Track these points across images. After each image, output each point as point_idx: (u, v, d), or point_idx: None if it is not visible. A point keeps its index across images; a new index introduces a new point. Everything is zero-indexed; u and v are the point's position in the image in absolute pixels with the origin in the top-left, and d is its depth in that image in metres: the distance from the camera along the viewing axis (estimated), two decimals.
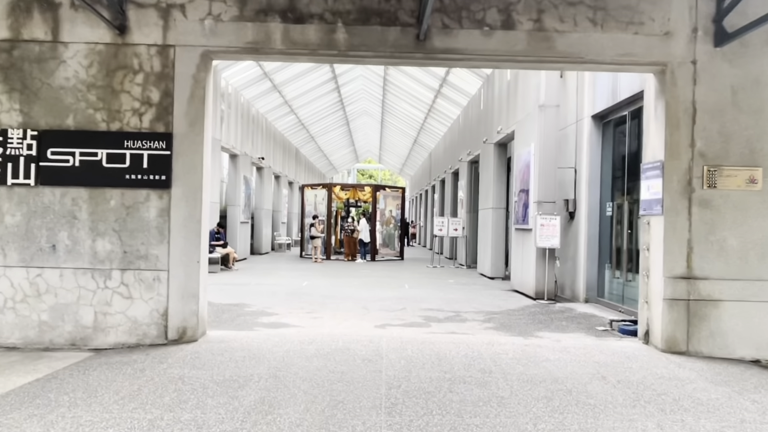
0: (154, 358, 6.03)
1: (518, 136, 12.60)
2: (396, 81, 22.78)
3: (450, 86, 19.56)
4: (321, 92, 24.35)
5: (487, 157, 15.83)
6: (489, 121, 15.96)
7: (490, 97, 15.94)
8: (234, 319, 8.25)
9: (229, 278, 13.79)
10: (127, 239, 6.74)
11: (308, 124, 28.99)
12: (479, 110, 17.64)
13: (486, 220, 15.81)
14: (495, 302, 10.59)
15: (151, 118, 6.79)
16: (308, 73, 21.13)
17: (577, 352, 6.61)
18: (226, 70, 17.16)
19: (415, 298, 10.91)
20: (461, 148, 20.45)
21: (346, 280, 13.85)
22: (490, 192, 15.26)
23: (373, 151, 47.92)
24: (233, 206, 19.25)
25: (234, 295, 10.75)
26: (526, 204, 11.57)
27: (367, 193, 22.09)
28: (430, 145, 30.67)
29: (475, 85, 18.05)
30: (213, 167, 16.05)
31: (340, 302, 10.06)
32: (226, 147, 17.78)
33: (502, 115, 14.48)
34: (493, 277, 15.06)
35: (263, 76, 19.27)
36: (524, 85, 12.41)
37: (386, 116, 30.31)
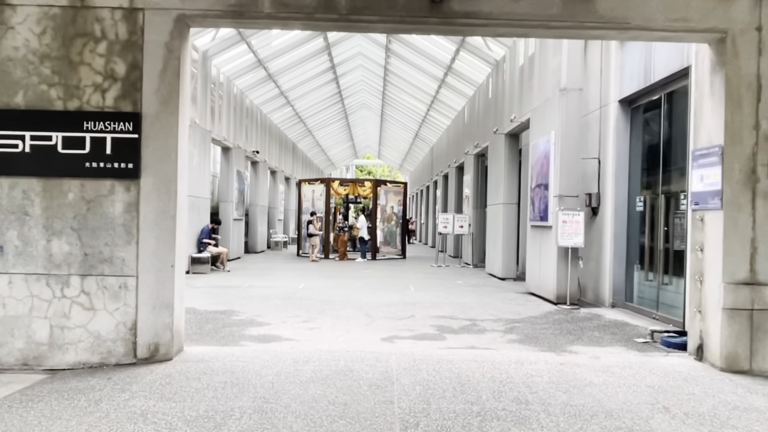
0: (116, 384, 4.96)
1: (534, 125, 11.53)
2: (397, 70, 21.69)
3: (455, 75, 18.47)
4: (319, 83, 23.25)
5: (496, 149, 14.76)
6: (499, 111, 14.88)
7: (501, 84, 14.86)
8: (218, 331, 7.17)
9: (219, 280, 12.72)
10: (88, 239, 5.67)
11: (305, 117, 27.89)
12: (487, 99, 16.56)
13: (495, 217, 14.75)
14: (512, 307, 9.54)
15: (115, 95, 5.71)
16: (305, 62, 20.03)
17: (623, 372, 5.56)
18: (216, 57, 16.06)
19: (423, 302, 9.85)
20: (467, 140, 19.38)
21: (347, 282, 12.79)
22: (501, 186, 14.20)
23: (372, 146, 46.82)
24: (226, 202, 18.16)
25: (222, 300, 9.68)
26: (545, 199, 10.51)
27: (368, 188, 21.01)
28: (432, 139, 29.59)
29: (483, 73, 16.98)
30: (203, 160, 14.95)
31: (340, 308, 9.00)
32: (218, 139, 16.68)
33: (514, 103, 13.41)
34: (503, 278, 14.01)
35: (257, 65, 18.16)
36: (542, 68, 11.33)
37: (386, 109, 29.22)
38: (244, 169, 19.60)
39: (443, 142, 25.86)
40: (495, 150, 14.93)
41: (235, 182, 18.38)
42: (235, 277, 13.43)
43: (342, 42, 19.84)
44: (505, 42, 13.95)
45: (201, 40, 14.89)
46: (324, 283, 12.37)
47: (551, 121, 10.42)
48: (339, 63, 21.81)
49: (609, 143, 9.97)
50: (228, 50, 16.15)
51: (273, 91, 21.65)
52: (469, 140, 18.85)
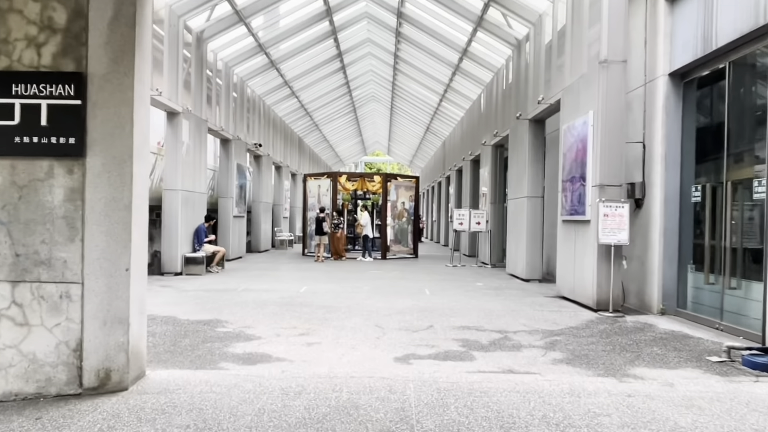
0: (43, 428, 3.71)
1: (566, 106, 10.17)
2: (408, 57, 20.33)
3: (471, 59, 17.10)
4: (325, 72, 21.95)
5: (519, 137, 13.40)
6: (522, 95, 13.51)
7: (524, 66, 13.48)
8: (196, 348, 5.90)
9: (213, 282, 11.48)
10: (19, 236, 4.44)
11: (312, 110, 26.61)
12: (507, 84, 15.19)
13: (518, 212, 13.40)
14: (546, 315, 8.19)
15: (54, 50, 4.46)
16: (311, 47, 18.75)
17: (713, 409, 4.22)
18: (213, 40, 14.81)
19: (441, 309, 8.53)
20: (483, 130, 18.02)
21: (354, 285, 11.50)
22: (524, 178, 12.84)
23: (381, 142, 45.48)
24: (225, 198, 16.93)
25: (210, 306, 8.42)
26: (581, 190, 9.15)
27: (377, 183, 19.70)
28: (444, 133, 28.21)
29: (502, 56, 15.60)
30: (198, 151, 13.71)
31: (345, 317, 7.70)
32: (215, 129, 15.44)
33: (540, 85, 12.04)
34: (528, 279, 12.66)
35: (258, 50, 16.90)
36: (575, 42, 9.96)
37: (396, 101, 27.86)
38: (245, 162, 18.36)
39: (457, 134, 24.49)
40: (517, 138, 13.56)
41: (235, 177, 17.15)
42: (232, 278, 12.19)
43: (349, 27, 18.55)
44: (529, 18, 12.58)
45: (195, 21, 13.66)
46: (329, 287, 11.09)
47: (589, 100, 9.06)
48: (346, 50, 20.52)
49: (656, 124, 8.60)
50: (225, 33, 14.89)
51: (276, 80, 20.39)
52: (487, 130, 17.50)
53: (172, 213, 12.68)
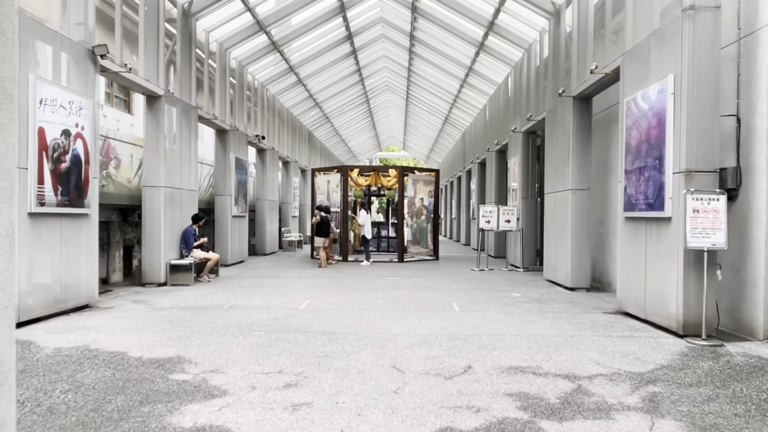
0: None
1: (629, 74, 8.11)
2: (426, 36, 18.30)
3: (498, 35, 15.02)
4: (336, 55, 20.02)
5: (559, 119, 11.34)
6: (562, 70, 11.45)
7: (563, 36, 11.41)
8: (126, 416, 3.99)
9: (199, 296, 9.63)
10: None
11: (321, 101, 24.72)
12: (543, 60, 13.13)
13: (559, 208, 11.35)
14: (620, 345, 6.18)
15: None
16: (317, 26, 16.83)
17: None
18: (203, 16, 12.94)
19: (478, 335, 6.56)
20: (512, 116, 15.96)
21: (366, 297, 9.58)
22: (568, 168, 10.79)
23: (396, 136, 43.48)
24: (223, 196, 15.11)
25: (180, 334, 6.54)
26: (656, 178, 7.10)
27: (393, 178, 17.75)
28: (464, 123, 26.14)
29: (535, 27, 13.52)
30: (187, 142, 11.82)
31: (351, 352, 5.77)
32: (208, 118, 13.58)
33: (588, 54, 9.97)
34: (573, 288, 10.62)
35: (256, 28, 15.00)
36: None
37: (412, 89, 25.81)
38: (245, 156, 16.52)
39: (479, 123, 22.41)
40: (557, 121, 11.51)
41: (233, 172, 15.31)
42: (222, 290, 10.33)
43: (360, 3, 16.64)
44: None
45: None
46: (336, 300, 9.17)
47: (666, 61, 7.00)
48: (357, 31, 18.57)
49: (758, 91, 6.52)
50: (217, 7, 13.01)
51: (280, 65, 18.52)
52: (516, 115, 15.44)
53: (153, 214, 10.86)
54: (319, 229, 15.37)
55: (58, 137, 7.45)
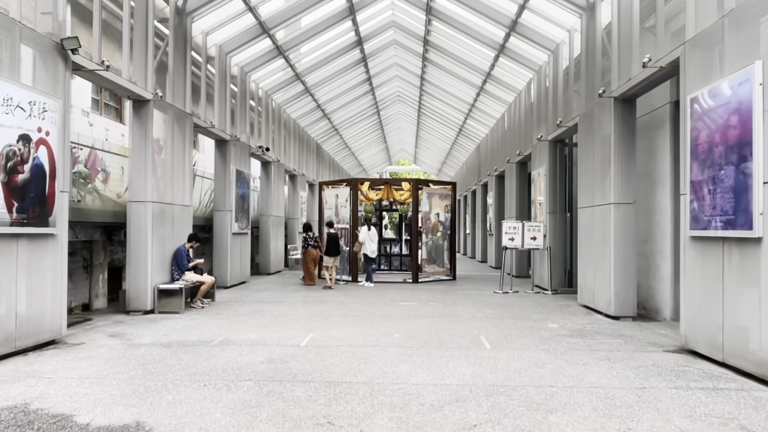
0: None
1: (694, 66, 6.80)
2: (441, 38, 17.12)
3: (521, 35, 13.79)
4: (345, 62, 18.91)
5: (595, 124, 10.05)
6: (598, 69, 10.19)
7: (599, 33, 10.15)
8: None
9: (187, 327, 8.36)
10: None
11: (330, 112, 23.60)
12: (574, 60, 11.89)
13: (597, 225, 10.01)
14: (712, 406, 4.81)
15: None
16: (325, 30, 15.73)
17: None
18: (199, 16, 11.83)
19: (524, 390, 5.22)
20: (536, 123, 14.69)
21: (378, 328, 8.28)
22: (609, 177, 9.46)
23: (407, 149, 42.33)
24: (222, 212, 13.90)
25: (151, 384, 5.26)
26: (738, 187, 5.77)
27: (406, 191, 16.49)
28: (479, 134, 24.90)
29: (562, 27, 12.28)
30: (181, 153, 10.59)
31: (363, 418, 4.46)
32: (205, 126, 12.41)
33: (631, 49, 8.68)
34: (617, 317, 9.24)
35: (259, 31, 13.90)
36: None
37: (425, 99, 24.62)
38: (247, 169, 15.34)
39: (496, 133, 21.15)
40: (593, 126, 10.21)
41: (233, 185, 14.12)
42: (215, 319, 9.07)
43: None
44: None
45: None
46: (343, 333, 7.87)
47: (749, 46, 5.70)
48: (367, 36, 17.45)
49: None
50: (215, 6, 11.91)
51: (286, 73, 17.42)
52: (541, 122, 14.17)
53: (140, 232, 9.65)
54: (327, 246, 14.14)
55: (14, 144, 6.26)
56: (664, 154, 9.42)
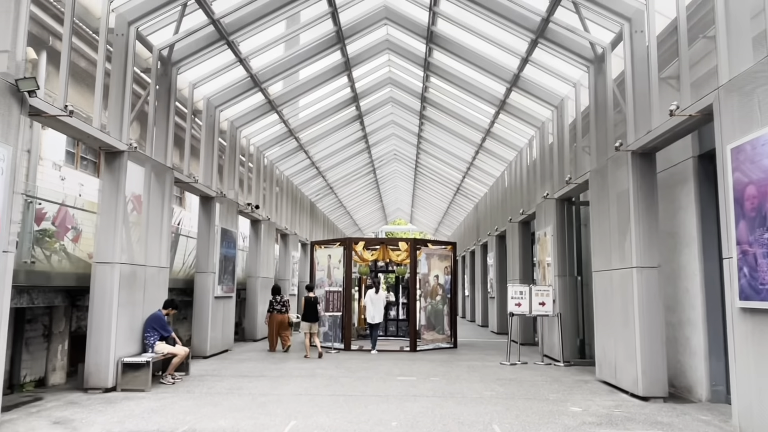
0: None
1: (730, 112, 6.03)
2: (439, 95, 16.65)
3: (522, 91, 13.26)
4: (341, 119, 18.39)
5: (610, 180, 9.23)
6: (610, 121, 9.50)
7: (610, 85, 9.53)
8: None
9: (145, 415, 7.14)
10: None
11: (325, 170, 22.97)
12: (578, 115, 11.27)
13: (616, 290, 9.01)
14: None
15: None
16: (320, 86, 15.24)
17: None
18: (188, 66, 11.23)
19: None
20: (541, 180, 13.95)
21: (372, 413, 7.10)
22: (628, 238, 8.55)
23: (404, 209, 41.70)
24: (204, 273, 12.82)
25: None
26: None
27: (403, 252, 15.52)
28: (478, 193, 24.25)
29: (569, 80, 11.73)
30: (160, 210, 9.64)
31: None
32: (187, 182, 11.54)
33: (653, 96, 7.99)
34: (646, 397, 8.08)
35: (251, 85, 13.34)
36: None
37: (422, 157, 24.03)
38: (233, 227, 14.40)
39: (496, 192, 20.45)
40: (607, 182, 9.40)
41: (218, 245, 13.13)
42: (185, 398, 7.85)
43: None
44: (622, 12, 8.76)
45: (158, 36, 10.13)
46: (332, 420, 6.68)
47: None
48: (362, 90, 17.01)
49: None
50: (204, 58, 11.33)
51: (278, 129, 16.82)
52: (546, 180, 13.42)
53: (104, 297, 8.57)
54: (304, 312, 13.17)
55: None
56: (688, 213, 8.57)
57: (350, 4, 12.16)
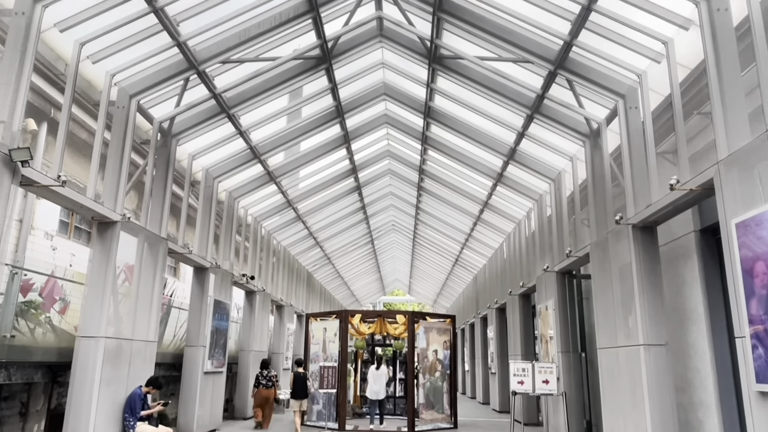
0: None
1: (732, 186, 5.96)
2: (437, 168, 16.80)
3: (519, 164, 13.37)
4: (339, 190, 18.47)
5: (611, 254, 9.06)
6: (609, 193, 9.47)
7: (605, 158, 9.58)
8: None
9: None
10: None
11: (322, 240, 22.85)
12: (576, 187, 11.27)
13: (622, 368, 8.62)
14: None
15: None
16: (320, 158, 15.39)
17: None
18: (188, 138, 11.33)
19: None
20: (539, 254, 13.78)
21: None
22: (633, 314, 8.27)
23: (402, 279, 41.28)
24: (194, 347, 12.36)
25: None
26: None
27: (401, 325, 15.11)
28: (477, 265, 24.01)
29: (565, 153, 11.81)
30: (151, 281, 9.40)
31: None
32: (181, 252, 11.35)
33: (650, 170, 7.97)
34: None
35: (250, 156, 13.45)
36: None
37: (420, 228, 23.99)
38: (227, 299, 14.05)
39: (495, 264, 20.23)
40: (608, 256, 9.22)
41: (209, 318, 12.74)
42: None
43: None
44: (619, 87, 8.93)
45: (161, 108, 10.28)
46: None
47: None
48: (361, 158, 17.18)
49: None
50: (204, 130, 11.46)
51: (277, 199, 16.83)
52: (545, 252, 13.25)
53: (86, 373, 8.16)
54: (293, 388, 12.63)
55: None
56: (693, 289, 8.34)
57: (350, 81, 12.48)
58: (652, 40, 7.70)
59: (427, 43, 10.80)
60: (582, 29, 8.24)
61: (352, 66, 12.09)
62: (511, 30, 9.36)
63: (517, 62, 10.03)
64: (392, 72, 12.69)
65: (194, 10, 8.59)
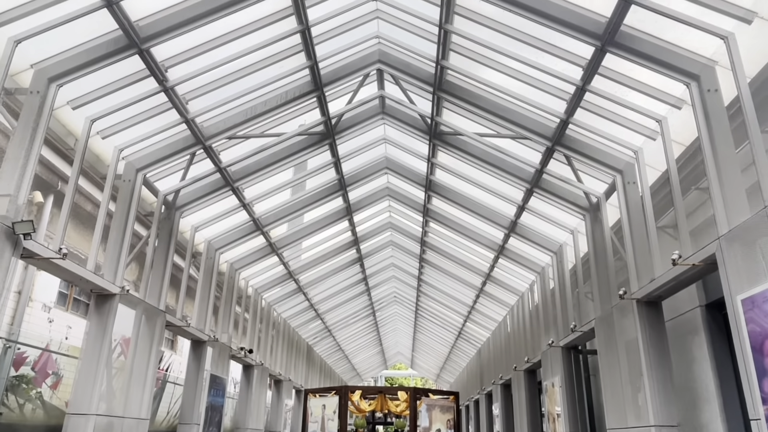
0: None
1: (734, 261, 5.92)
2: (439, 240, 16.82)
3: (521, 236, 13.40)
4: (341, 262, 18.42)
5: (617, 330, 8.88)
6: (611, 268, 9.41)
7: (606, 232, 9.61)
8: None
9: None
10: None
11: (323, 312, 22.54)
12: (579, 261, 11.22)
13: None
14: None
15: None
16: (321, 229, 15.47)
17: None
18: (191, 210, 11.45)
19: None
20: (543, 328, 13.52)
21: None
22: (642, 392, 7.96)
23: (404, 352, 40.34)
24: (188, 425, 11.91)
25: None
26: None
27: (402, 402, 14.58)
28: (480, 338, 23.51)
29: (565, 227, 11.86)
30: (146, 356, 9.22)
31: None
32: (179, 325, 11.17)
33: (652, 244, 7.96)
34: None
35: (252, 229, 13.54)
36: None
37: (422, 300, 23.72)
38: (224, 373, 13.69)
39: (499, 338, 19.80)
40: (614, 331, 9.03)
41: (205, 394, 12.36)
42: None
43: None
44: (616, 164, 9.10)
45: (166, 182, 10.47)
46: None
47: None
48: (364, 237, 17.24)
49: None
50: (208, 203, 11.61)
51: (278, 270, 16.77)
52: (550, 327, 13.00)
53: None
54: None
55: None
56: (703, 366, 8.11)
57: (353, 156, 12.77)
58: (647, 119, 7.92)
59: (427, 120, 11.13)
60: (577, 108, 8.50)
61: (355, 141, 12.42)
62: (508, 108, 9.67)
63: (516, 139, 10.28)
64: (394, 147, 13.01)
65: (203, 89, 8.93)
